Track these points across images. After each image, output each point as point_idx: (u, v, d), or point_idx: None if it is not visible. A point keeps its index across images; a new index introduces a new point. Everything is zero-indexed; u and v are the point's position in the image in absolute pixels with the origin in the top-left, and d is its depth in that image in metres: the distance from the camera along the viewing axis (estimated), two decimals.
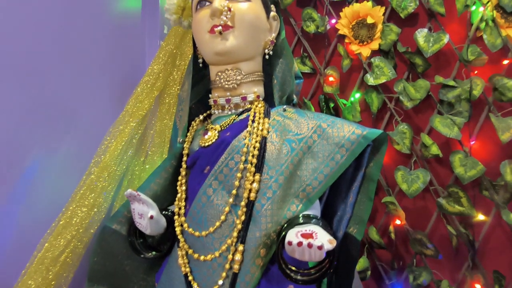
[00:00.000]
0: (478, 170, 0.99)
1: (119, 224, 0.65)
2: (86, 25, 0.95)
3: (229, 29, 0.60)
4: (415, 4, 1.10)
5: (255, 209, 0.55)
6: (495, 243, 1.03)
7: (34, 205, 0.69)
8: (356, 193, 0.58)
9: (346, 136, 0.57)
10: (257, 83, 0.65)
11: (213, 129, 0.62)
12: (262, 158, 0.56)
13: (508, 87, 0.99)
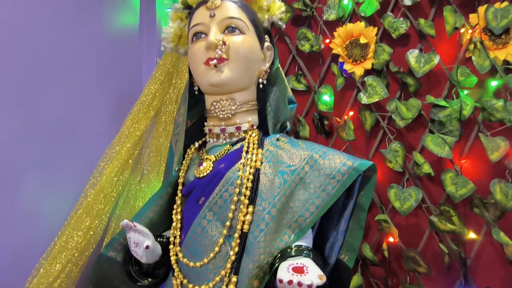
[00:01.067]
0: (468, 188, 1.01)
1: (114, 251, 0.66)
2: (83, 43, 0.97)
3: (224, 62, 0.62)
4: (406, 25, 1.13)
5: (249, 240, 0.56)
6: (486, 261, 1.05)
7: (28, 229, 0.70)
8: (347, 221, 0.60)
9: (337, 168, 0.58)
10: (251, 112, 0.67)
11: (208, 159, 0.64)
12: (256, 190, 0.57)
13: (496, 108, 1.02)
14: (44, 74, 0.80)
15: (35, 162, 0.74)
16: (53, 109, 0.82)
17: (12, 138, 0.71)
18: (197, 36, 0.65)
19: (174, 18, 0.74)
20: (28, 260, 0.66)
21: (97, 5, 1.06)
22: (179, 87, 1.11)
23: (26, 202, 0.70)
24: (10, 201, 0.68)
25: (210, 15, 0.63)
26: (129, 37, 1.24)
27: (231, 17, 0.64)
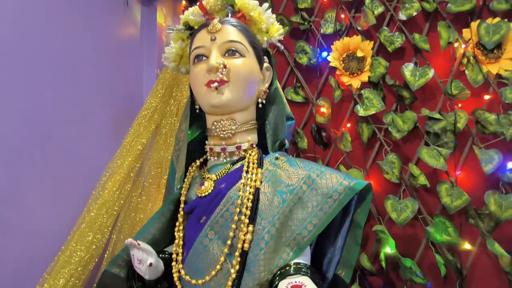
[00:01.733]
0: (463, 200, 1.03)
1: (118, 268, 0.67)
2: (85, 55, 0.99)
3: (225, 84, 0.64)
4: (401, 39, 1.16)
5: (249, 258, 0.57)
6: (482, 271, 1.07)
7: (32, 243, 0.71)
8: (344, 238, 0.62)
9: (334, 187, 0.60)
10: (251, 132, 0.69)
11: (209, 179, 0.65)
12: (256, 210, 0.59)
13: (489, 121, 1.04)
14: (47, 88, 0.81)
15: (38, 176, 0.75)
16: (55, 123, 0.84)
17: (17, 153, 0.73)
18: (198, 58, 0.67)
19: (175, 39, 0.76)
20: (32, 275, 0.67)
21: (99, 17, 1.08)
22: (179, 99, 1.13)
23: (29, 217, 0.72)
24: (14, 216, 0.70)
25: (211, 38, 0.66)
26: (130, 49, 1.27)
27: (232, 41, 0.66)
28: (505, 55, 1.07)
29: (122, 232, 0.88)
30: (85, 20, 1.01)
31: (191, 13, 0.72)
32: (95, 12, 1.06)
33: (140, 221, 0.91)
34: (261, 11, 0.70)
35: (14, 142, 0.70)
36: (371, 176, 1.17)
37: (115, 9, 1.19)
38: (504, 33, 1.06)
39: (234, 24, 0.67)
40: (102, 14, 1.10)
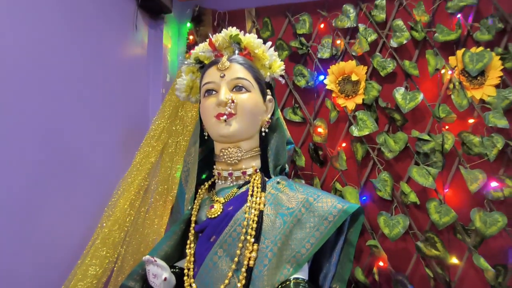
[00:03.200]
0: (451, 217, 1.10)
1: (133, 281, 0.73)
2: (95, 75, 1.05)
3: (233, 116, 0.71)
4: (393, 65, 1.25)
5: (254, 274, 0.64)
6: (469, 284, 1.13)
7: (49, 258, 0.76)
8: (338, 255, 0.68)
9: (329, 210, 0.67)
10: (255, 158, 0.76)
11: (218, 201, 0.72)
12: (260, 230, 0.66)
13: (474, 143, 1.12)
14: (60, 107, 0.87)
15: (54, 195, 0.81)
16: (68, 142, 0.90)
17: (36, 174, 0.78)
18: (208, 92, 0.75)
19: (187, 72, 0.83)
20: (51, 282, 0.72)
21: (110, 40, 1.15)
22: (185, 119, 1.20)
23: (47, 233, 0.77)
24: (32, 233, 0.75)
25: (221, 75, 0.73)
26: (137, 69, 1.33)
27: (239, 78, 0.73)
28: (488, 81, 1.16)
29: (131, 246, 0.94)
30: (97, 43, 1.07)
31: (201, 50, 0.79)
32: (107, 35, 1.13)
33: (147, 235, 0.96)
34: (265, 49, 0.77)
35: (33, 163, 0.76)
36: (365, 193, 1.23)
37: (125, 32, 1.26)
38: (487, 61, 1.15)
39: (241, 62, 0.75)
40: (113, 37, 1.17)
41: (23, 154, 0.74)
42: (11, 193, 0.70)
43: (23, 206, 0.72)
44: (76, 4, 0.99)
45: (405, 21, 1.26)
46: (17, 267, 0.70)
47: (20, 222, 0.73)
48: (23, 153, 0.74)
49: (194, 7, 1.50)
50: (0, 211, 0.68)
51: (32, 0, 0.83)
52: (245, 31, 1.42)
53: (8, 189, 0.69)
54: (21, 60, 0.77)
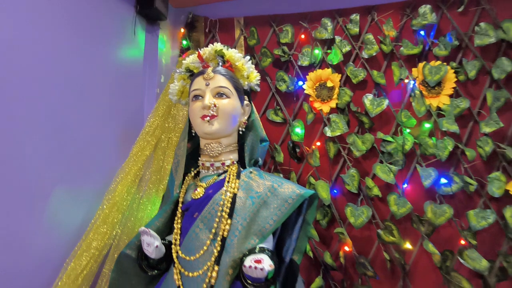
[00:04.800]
0: (407, 208, 1.27)
1: (130, 250, 0.87)
2: (96, 78, 1.17)
3: (215, 118, 0.86)
4: (364, 74, 1.40)
5: (227, 243, 0.79)
6: (422, 267, 1.30)
7: (58, 233, 0.90)
8: (298, 231, 0.84)
9: (290, 195, 0.83)
10: (233, 152, 0.91)
11: (201, 186, 0.87)
12: (233, 209, 0.81)
13: (429, 145, 1.29)
14: (64, 107, 1.00)
15: (63, 182, 0.94)
16: (73, 137, 1.03)
17: (47, 161, 0.92)
18: (196, 98, 0.90)
19: (178, 79, 0.98)
20: (60, 257, 0.86)
21: (110, 44, 1.27)
22: (176, 117, 1.34)
23: (56, 212, 0.91)
24: (43, 211, 0.88)
25: (206, 84, 0.88)
26: (134, 70, 1.46)
27: (221, 86, 0.88)
28: (444, 91, 1.33)
29: (126, 228, 1.07)
30: (98, 46, 1.20)
31: (191, 61, 0.94)
32: (108, 39, 1.26)
33: (141, 218, 1.10)
34: (244, 62, 0.92)
35: (43, 154, 0.89)
36: (336, 187, 1.39)
37: (124, 36, 1.39)
38: (443, 74, 1.31)
39: (223, 73, 0.90)
40: (113, 40, 1.29)
41: (32, 147, 0.87)
42: (25, 180, 0.83)
43: (36, 192, 0.86)
44: (81, 11, 1.12)
45: (376, 35, 1.41)
46: (31, 241, 0.83)
47: (33, 204, 0.86)
48: (32, 146, 0.87)
49: (188, 14, 1.63)
50: (17, 193, 0.81)
51: (41, 7, 0.95)
52: (234, 38, 1.58)
53: (22, 177, 0.83)
54: (31, 61, 0.90)
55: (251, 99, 0.99)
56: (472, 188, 1.25)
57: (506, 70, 1.26)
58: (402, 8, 1.42)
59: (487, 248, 1.23)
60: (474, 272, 1.23)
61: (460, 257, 1.21)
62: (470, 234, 1.23)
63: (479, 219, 1.22)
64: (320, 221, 1.37)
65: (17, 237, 0.80)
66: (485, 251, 1.23)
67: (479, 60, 1.31)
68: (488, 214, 1.21)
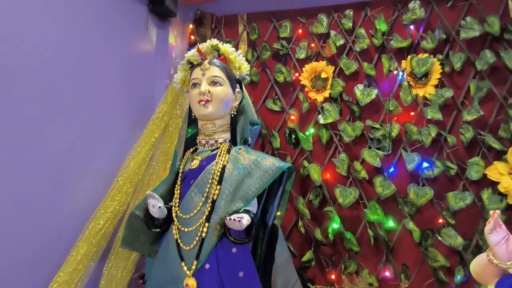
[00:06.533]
0: (391, 189, 1.38)
1: (139, 211, 1.05)
2: (112, 68, 1.33)
3: (209, 102, 1.02)
4: (356, 66, 1.51)
5: (216, 204, 0.96)
6: (404, 244, 1.41)
7: (79, 200, 1.07)
8: (278, 199, 1.00)
9: (270, 167, 0.97)
10: (226, 132, 1.06)
11: (197, 159, 1.03)
12: (222, 177, 0.97)
13: (414, 132, 1.39)
14: (85, 95, 1.17)
15: (83, 156, 1.11)
16: (92, 120, 1.19)
17: (70, 141, 1.09)
18: (194, 85, 1.05)
19: (181, 70, 1.13)
20: (81, 218, 1.04)
21: (124, 38, 1.43)
22: (183, 105, 1.49)
23: (79, 183, 1.08)
24: (69, 183, 1.06)
25: (202, 74, 1.03)
26: (147, 63, 1.62)
27: (215, 76, 1.04)
28: (430, 82, 1.42)
29: (138, 199, 1.25)
30: (114, 41, 1.36)
31: (191, 54, 1.09)
32: (123, 35, 1.41)
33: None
34: (236, 55, 1.07)
35: (70, 135, 1.06)
36: (327, 170, 1.51)
37: (138, 32, 1.54)
38: (430, 66, 1.40)
39: (217, 64, 1.05)
40: (127, 36, 1.45)
41: (59, 128, 1.04)
42: (55, 155, 1.00)
43: (63, 164, 1.03)
44: (99, 10, 1.27)
45: (369, 29, 1.51)
46: (61, 205, 1.01)
47: (61, 176, 1.03)
48: (59, 128, 1.04)
49: (196, 11, 1.77)
50: (49, 166, 0.98)
51: (68, 9, 1.12)
52: (237, 33, 1.71)
53: (52, 153, 1.00)
54: (58, 55, 1.07)
55: (243, 87, 1.13)
56: (452, 172, 1.34)
57: (489, 61, 1.34)
58: (394, 4, 1.51)
59: (465, 227, 1.33)
60: (452, 250, 1.33)
61: (438, 234, 1.32)
62: (449, 214, 1.33)
63: (457, 200, 1.31)
64: (312, 201, 1.50)
65: (51, 202, 0.98)
66: (463, 230, 1.32)
67: (465, 53, 1.39)
68: (466, 196, 1.31)
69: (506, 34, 1.34)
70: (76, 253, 0.98)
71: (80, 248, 0.99)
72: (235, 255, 0.91)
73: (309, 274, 1.48)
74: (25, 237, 0.90)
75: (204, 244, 0.92)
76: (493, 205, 1.27)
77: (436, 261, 1.31)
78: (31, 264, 0.92)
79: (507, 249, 0.74)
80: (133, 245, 1.07)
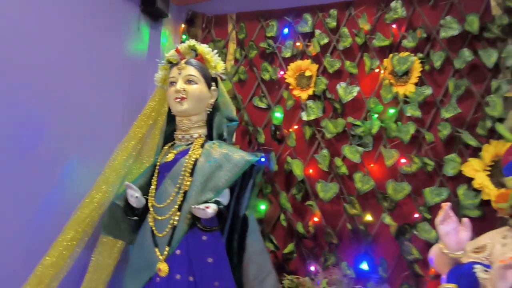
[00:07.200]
0: (370, 185, 1.42)
1: (119, 200, 1.14)
2: (106, 66, 1.40)
3: (184, 99, 1.09)
4: (339, 64, 1.55)
5: (187, 195, 1.04)
6: (384, 237, 1.45)
7: (68, 190, 1.15)
8: (249, 192, 1.07)
9: (239, 160, 1.05)
10: (201, 127, 1.14)
11: (173, 152, 1.11)
12: (193, 169, 1.05)
13: (392, 128, 1.42)
14: (78, 92, 1.24)
15: (78, 153, 1.19)
16: (82, 115, 1.27)
17: (62, 134, 1.17)
18: (171, 84, 1.13)
19: (161, 69, 1.21)
20: (69, 206, 1.13)
21: (117, 38, 1.50)
22: None
23: (68, 174, 1.17)
24: (58, 174, 1.14)
25: (179, 73, 1.11)
26: (139, 62, 1.68)
27: (190, 75, 1.11)
28: (411, 80, 1.45)
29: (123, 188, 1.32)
30: (107, 40, 1.43)
31: (171, 55, 1.16)
32: (116, 35, 1.49)
33: None
34: (212, 55, 1.13)
35: (62, 129, 1.15)
36: (310, 165, 1.56)
37: (130, 32, 1.61)
38: (410, 64, 1.43)
39: (193, 64, 1.12)
40: (120, 36, 1.52)
41: (52, 124, 1.12)
42: (46, 148, 1.08)
43: (55, 156, 1.12)
44: (91, 11, 1.35)
45: (353, 28, 1.54)
46: (51, 195, 1.10)
47: (52, 168, 1.12)
48: (52, 123, 1.12)
49: (187, 11, 1.83)
50: (41, 158, 1.06)
51: (57, 9, 1.19)
52: (227, 33, 1.76)
53: (45, 146, 1.08)
54: (51, 54, 1.15)
55: (219, 85, 1.19)
56: (430, 168, 1.38)
57: (467, 60, 1.36)
58: (377, 3, 1.54)
59: None
60: (429, 244, 1.36)
61: (414, 229, 1.36)
62: (425, 209, 1.36)
63: (433, 195, 1.35)
64: (296, 195, 1.55)
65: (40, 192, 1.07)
66: None
67: (445, 51, 1.41)
68: (442, 192, 1.34)
69: (486, 32, 1.36)
70: (62, 239, 1.06)
71: (66, 234, 1.07)
72: (205, 242, 0.99)
73: (291, 266, 1.53)
74: (15, 224, 0.99)
75: (176, 231, 1.00)
76: (468, 200, 1.30)
77: (411, 254, 1.34)
78: (20, 249, 1.00)
79: (456, 239, 0.78)
80: (114, 232, 1.15)
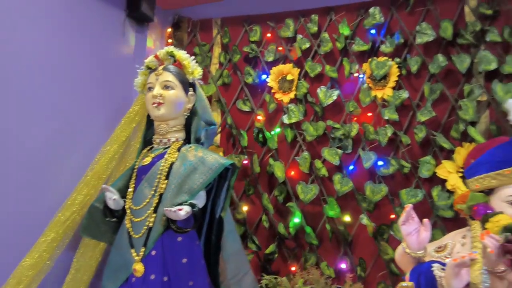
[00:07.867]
0: (348, 186, 1.46)
1: (99, 203, 1.17)
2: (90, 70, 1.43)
3: (161, 105, 1.12)
4: (320, 68, 1.58)
5: (163, 197, 1.07)
6: (363, 237, 1.48)
7: (50, 192, 1.18)
8: (224, 194, 1.10)
9: (214, 163, 1.08)
10: (179, 132, 1.17)
11: (150, 156, 1.14)
12: (169, 172, 1.08)
13: (371, 132, 1.46)
14: (63, 95, 1.27)
15: (56, 153, 1.22)
16: (67, 118, 1.30)
17: (47, 137, 1.19)
18: (149, 89, 1.17)
19: (141, 74, 1.24)
20: (51, 208, 1.15)
21: (103, 42, 1.52)
22: None
23: (51, 176, 1.19)
24: (42, 176, 1.17)
25: (156, 78, 1.15)
26: (124, 66, 1.70)
27: (167, 80, 1.15)
28: (389, 84, 1.49)
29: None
30: (92, 45, 1.45)
31: (150, 61, 1.20)
32: (101, 39, 1.51)
33: None
34: (190, 60, 1.17)
35: (47, 132, 1.18)
36: (292, 167, 1.59)
37: (115, 36, 1.63)
38: (388, 68, 1.47)
39: (171, 70, 1.15)
40: (105, 40, 1.54)
41: (37, 127, 1.15)
42: (34, 150, 1.11)
43: (40, 158, 1.15)
44: (78, 15, 1.37)
45: (333, 33, 1.58)
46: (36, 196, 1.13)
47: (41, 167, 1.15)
48: (37, 127, 1.15)
49: (174, 15, 1.86)
50: (27, 161, 1.09)
51: (44, 13, 1.22)
52: (212, 37, 1.79)
53: (31, 149, 1.11)
54: (35, 60, 1.18)
55: (196, 90, 1.23)
56: (406, 170, 1.41)
57: (441, 65, 1.40)
58: (357, 9, 1.58)
59: None
60: None
61: (390, 229, 1.39)
62: (402, 210, 1.39)
63: (409, 196, 1.38)
64: (277, 196, 1.58)
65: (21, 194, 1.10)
66: None
67: (421, 56, 1.46)
68: (418, 193, 1.38)
69: (459, 38, 1.41)
70: (44, 240, 1.08)
71: (47, 236, 1.10)
72: (180, 242, 1.02)
73: (273, 267, 1.56)
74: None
75: (151, 232, 1.03)
76: (442, 201, 1.34)
77: (387, 254, 1.38)
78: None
79: (417, 239, 0.82)
80: (93, 233, 1.18)
